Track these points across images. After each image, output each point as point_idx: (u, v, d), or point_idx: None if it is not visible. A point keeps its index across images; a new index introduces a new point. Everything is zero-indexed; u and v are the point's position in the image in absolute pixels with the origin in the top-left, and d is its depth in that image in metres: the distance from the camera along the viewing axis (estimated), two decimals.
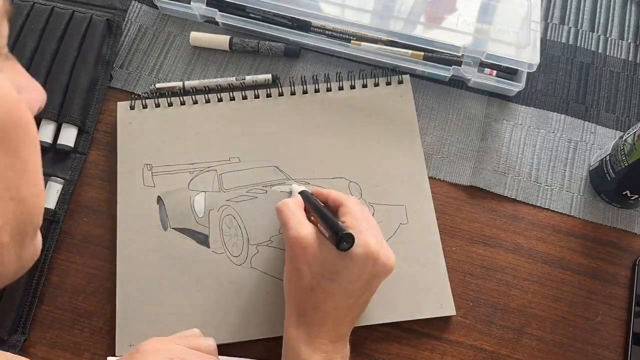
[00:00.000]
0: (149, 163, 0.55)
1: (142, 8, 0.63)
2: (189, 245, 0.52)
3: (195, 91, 0.58)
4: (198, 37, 0.60)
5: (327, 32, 0.60)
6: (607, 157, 0.52)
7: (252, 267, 0.51)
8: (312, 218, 0.46)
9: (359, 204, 0.47)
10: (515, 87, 0.57)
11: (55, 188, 0.54)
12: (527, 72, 0.57)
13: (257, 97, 0.58)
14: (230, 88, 0.58)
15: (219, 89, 0.58)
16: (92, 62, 0.58)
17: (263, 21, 0.60)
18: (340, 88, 0.58)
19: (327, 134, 0.56)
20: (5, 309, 0.49)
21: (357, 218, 0.44)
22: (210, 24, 0.62)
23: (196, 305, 0.50)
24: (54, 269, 0.52)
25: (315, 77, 0.58)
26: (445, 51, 0.58)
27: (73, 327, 0.50)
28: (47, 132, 0.56)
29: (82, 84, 0.57)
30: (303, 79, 0.59)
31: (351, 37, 0.59)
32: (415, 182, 0.54)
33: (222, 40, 0.60)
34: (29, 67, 0.57)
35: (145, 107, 0.57)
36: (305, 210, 0.47)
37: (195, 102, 0.58)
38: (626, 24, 0.63)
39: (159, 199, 0.54)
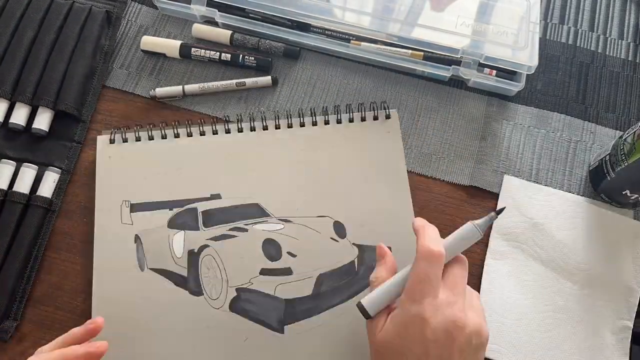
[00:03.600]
0: (127, 199, 0.53)
1: (142, 8, 0.63)
2: (166, 286, 0.50)
3: (176, 127, 0.56)
4: (199, 29, 0.61)
5: (326, 32, 0.60)
6: (607, 157, 0.52)
7: (231, 310, 0.49)
8: None
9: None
10: (514, 87, 0.57)
11: (52, 177, 0.54)
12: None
13: (240, 131, 0.56)
14: (215, 121, 0.57)
15: (203, 123, 0.56)
16: (90, 52, 0.58)
17: (263, 21, 0.60)
18: (327, 122, 0.56)
19: (312, 171, 0.54)
20: None
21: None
22: (210, 25, 0.62)
23: (171, 350, 0.48)
24: (54, 269, 0.52)
25: (301, 111, 0.57)
26: (443, 53, 0.57)
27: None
28: (43, 120, 0.56)
29: (80, 73, 0.57)
30: (288, 112, 0.57)
31: (351, 37, 0.59)
32: (402, 223, 0.52)
33: (223, 34, 0.60)
34: (27, 57, 0.57)
35: (125, 140, 0.55)
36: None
37: (177, 136, 0.56)
38: (626, 23, 0.63)
39: (137, 238, 0.52)
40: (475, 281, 0.52)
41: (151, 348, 0.49)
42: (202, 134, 0.56)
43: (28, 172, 0.54)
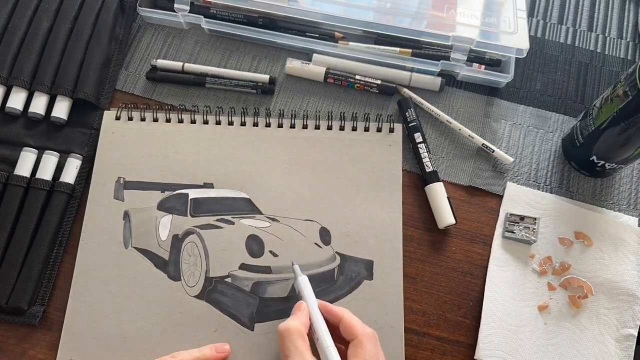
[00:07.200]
0: (122, 176, 0.54)
1: None
2: (147, 267, 0.51)
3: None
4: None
5: (310, 28, 0.59)
6: (578, 124, 0.52)
7: (205, 300, 0.49)
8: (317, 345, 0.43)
9: (375, 342, 0.42)
10: (503, 78, 0.57)
11: (74, 164, 0.55)
12: (521, 69, 0.57)
13: (243, 124, 0.56)
14: (220, 112, 0.57)
15: (209, 111, 0.57)
16: (106, 41, 0.59)
17: (248, 25, 0.59)
18: (329, 127, 0.56)
19: (307, 173, 0.54)
20: (25, 281, 0.49)
21: None
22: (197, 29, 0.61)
23: (142, 331, 0.49)
24: (62, 272, 0.52)
25: (306, 112, 0.57)
26: (434, 41, 0.58)
27: None
28: (62, 108, 0.56)
29: (96, 62, 0.58)
30: (293, 113, 0.57)
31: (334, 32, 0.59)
32: (389, 238, 0.52)
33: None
34: (44, 46, 0.58)
35: (130, 119, 0.56)
36: (310, 328, 0.43)
37: (181, 121, 0.56)
38: (625, 22, 0.64)
39: (126, 215, 0.53)
40: (477, 282, 0.52)
41: (122, 325, 0.49)
42: (205, 122, 0.56)
43: (50, 160, 0.54)
